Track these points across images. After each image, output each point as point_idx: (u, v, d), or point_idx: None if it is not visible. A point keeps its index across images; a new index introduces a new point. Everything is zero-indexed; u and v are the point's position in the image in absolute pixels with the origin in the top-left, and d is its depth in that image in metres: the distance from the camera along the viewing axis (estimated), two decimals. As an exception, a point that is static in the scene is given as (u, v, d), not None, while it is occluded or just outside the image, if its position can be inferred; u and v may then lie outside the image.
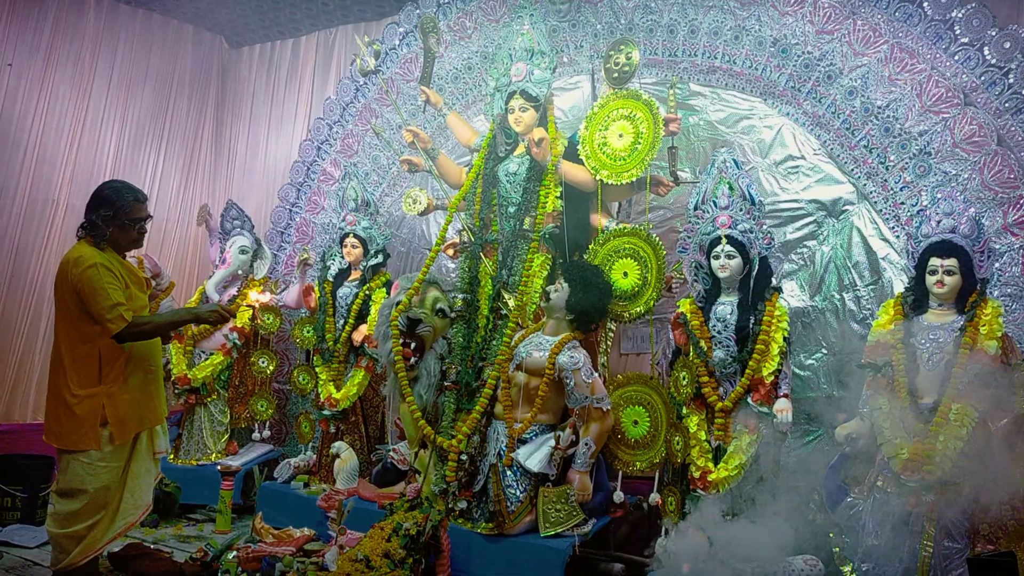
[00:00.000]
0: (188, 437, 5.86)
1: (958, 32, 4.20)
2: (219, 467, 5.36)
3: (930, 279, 3.65)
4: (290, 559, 4.24)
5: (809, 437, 4.39)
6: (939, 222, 3.69)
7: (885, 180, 4.39)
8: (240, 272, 6.10)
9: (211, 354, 5.91)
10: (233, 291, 6.07)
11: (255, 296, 5.84)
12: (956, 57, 4.21)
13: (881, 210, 4.41)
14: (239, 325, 5.90)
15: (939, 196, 3.83)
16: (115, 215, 3.63)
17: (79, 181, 6.99)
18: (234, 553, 4.32)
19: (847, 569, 3.56)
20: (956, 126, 4.16)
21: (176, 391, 5.77)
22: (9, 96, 6.65)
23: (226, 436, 5.89)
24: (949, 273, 3.60)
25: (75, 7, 7.05)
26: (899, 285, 4.23)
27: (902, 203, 4.32)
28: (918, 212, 4.15)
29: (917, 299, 3.72)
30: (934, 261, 3.63)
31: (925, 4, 4.29)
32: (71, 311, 3.55)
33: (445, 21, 5.76)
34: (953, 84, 4.20)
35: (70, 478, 3.57)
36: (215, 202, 7.43)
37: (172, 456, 5.77)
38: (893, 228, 4.37)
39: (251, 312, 5.94)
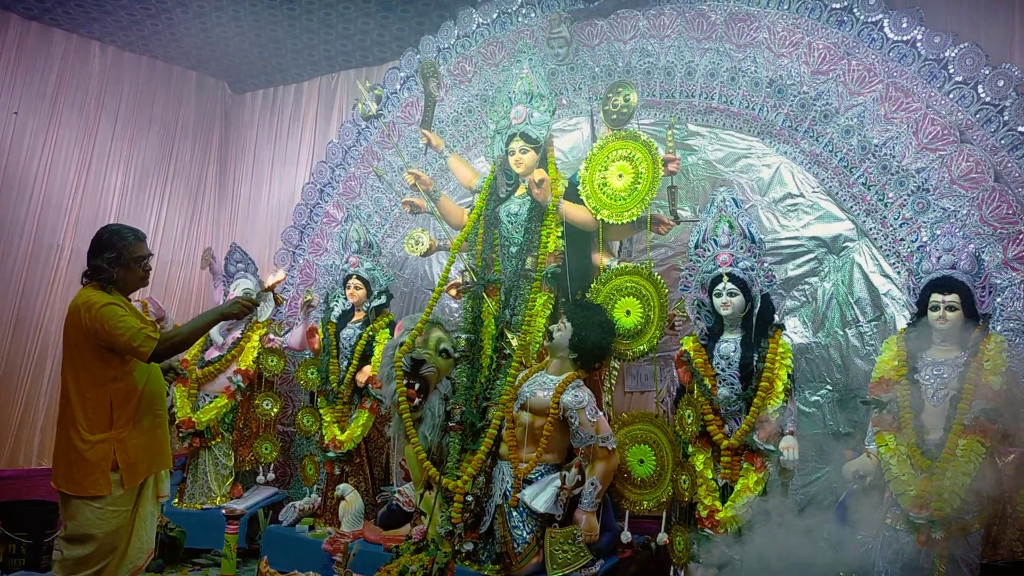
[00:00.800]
0: (192, 481, 5.84)
1: (952, 71, 4.28)
2: (224, 511, 5.30)
3: (932, 315, 3.67)
4: (296, 604, 4.21)
5: (816, 475, 4.38)
6: (939, 258, 3.72)
7: (884, 217, 4.44)
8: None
9: (215, 397, 5.91)
10: (237, 333, 6.08)
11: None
12: (951, 95, 4.27)
13: (881, 246, 4.45)
14: (243, 368, 5.90)
15: (938, 232, 3.87)
16: (118, 256, 3.63)
17: (84, 226, 7.06)
18: (239, 598, 4.29)
19: (858, 608, 3.53)
20: (953, 163, 4.21)
21: (180, 435, 5.75)
22: (15, 142, 6.74)
23: (230, 479, 5.87)
24: (951, 309, 3.62)
25: (80, 55, 7.17)
26: (901, 321, 4.25)
27: (902, 239, 4.36)
28: (918, 248, 4.19)
29: (920, 335, 3.74)
30: (935, 297, 3.66)
31: (918, 44, 4.37)
32: (83, 355, 3.55)
33: (445, 65, 5.85)
34: (949, 122, 4.26)
35: (79, 523, 3.54)
36: (219, 245, 7.48)
37: (177, 500, 5.75)
38: (894, 264, 4.40)
39: (255, 354, 5.94)
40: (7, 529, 4.90)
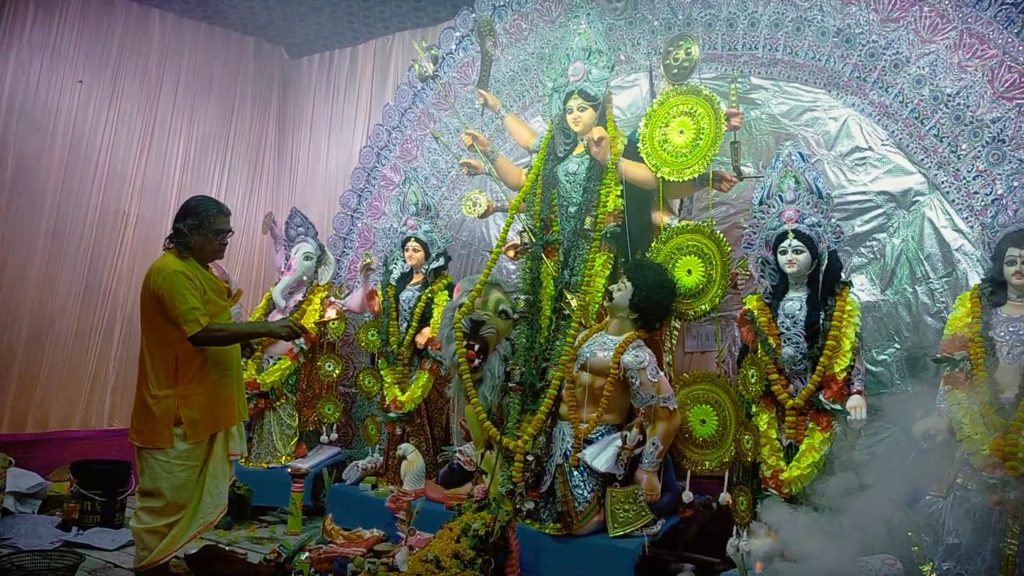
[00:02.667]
0: (258, 441, 5.97)
1: (1031, 15, 4.07)
2: (289, 470, 5.46)
3: (1008, 269, 3.54)
4: (361, 560, 4.29)
5: (883, 434, 4.28)
6: (1016, 211, 3.61)
7: (957, 169, 4.27)
8: (305, 278, 6.19)
9: (279, 359, 6.01)
10: (299, 296, 6.17)
11: (330, 313, 5.96)
12: (1029, 41, 4.07)
13: (954, 200, 4.28)
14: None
15: (1015, 184, 3.74)
16: (200, 224, 3.86)
17: (148, 192, 7.21)
18: (306, 554, 4.39)
19: (927, 568, 3.45)
20: (1031, 112, 4.02)
21: (246, 396, 5.87)
22: (80, 111, 6.87)
23: (295, 439, 6.00)
24: (1028, 263, 3.48)
25: (141, 23, 7.26)
26: (974, 277, 4.11)
27: (975, 192, 4.19)
28: (993, 201, 4.03)
29: (995, 290, 3.62)
30: (1012, 251, 3.53)
31: (995, -13, 4.17)
32: (152, 317, 3.76)
33: (501, 24, 5.77)
34: (1027, 69, 4.06)
35: (149, 476, 3.74)
36: (279, 210, 7.57)
37: (243, 459, 5.88)
38: (967, 218, 4.24)
39: (318, 315, 6.03)
40: (82, 487, 5.08)
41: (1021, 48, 4.07)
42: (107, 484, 5.15)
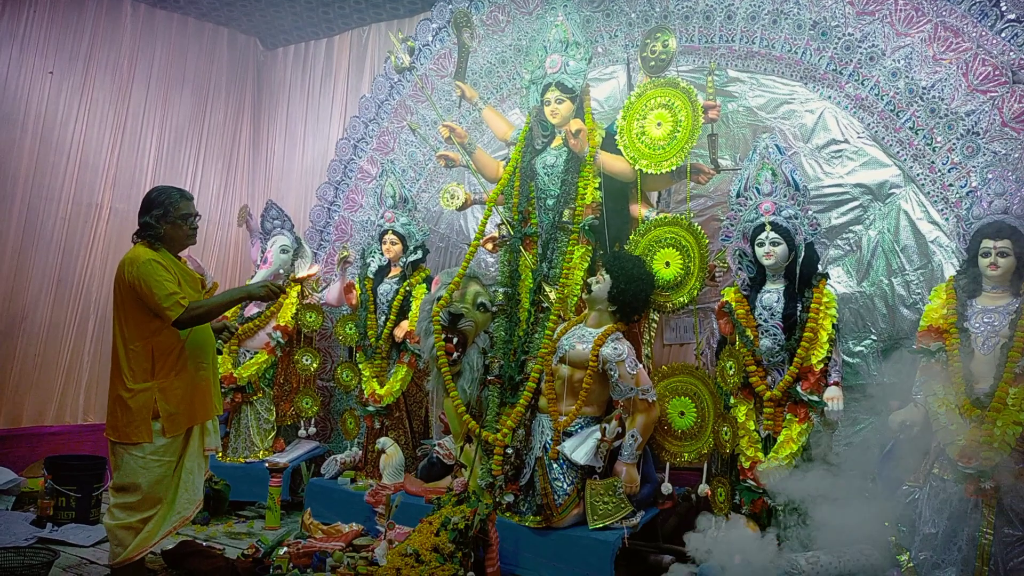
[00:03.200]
0: (236, 435, 5.93)
1: (1004, 8, 4.09)
2: (267, 464, 5.43)
3: (983, 261, 3.57)
4: (340, 554, 4.28)
5: (860, 425, 4.32)
6: (991, 203, 3.62)
7: (932, 162, 4.30)
8: (282, 271, 6.14)
9: (256, 353, 5.97)
10: (275, 290, 6.11)
11: (304, 271, 5.92)
12: (1003, 34, 4.10)
13: (929, 192, 4.32)
14: (282, 324, 5.95)
15: (989, 177, 3.75)
16: (165, 213, 3.79)
17: (121, 185, 7.12)
18: (285, 549, 4.37)
19: (904, 558, 3.49)
20: (1004, 105, 4.05)
21: (222, 390, 5.82)
22: (51, 103, 6.77)
23: (273, 433, 5.96)
24: (1003, 255, 3.52)
25: (112, 14, 7.15)
26: (949, 268, 4.15)
27: (951, 185, 4.23)
28: (968, 193, 4.07)
29: (970, 282, 3.65)
30: (987, 243, 3.56)
31: (969, -20, 4.20)
32: (127, 308, 3.70)
33: (478, 15, 5.74)
34: (1000, 62, 4.09)
35: (124, 472, 3.68)
36: (255, 202, 7.50)
37: (220, 454, 5.84)
38: (942, 210, 4.28)
39: (294, 310, 5.99)
40: (57, 483, 5.02)
41: (995, 41, 4.11)
42: (82, 480, 5.09)
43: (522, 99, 5.15)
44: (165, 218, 3.78)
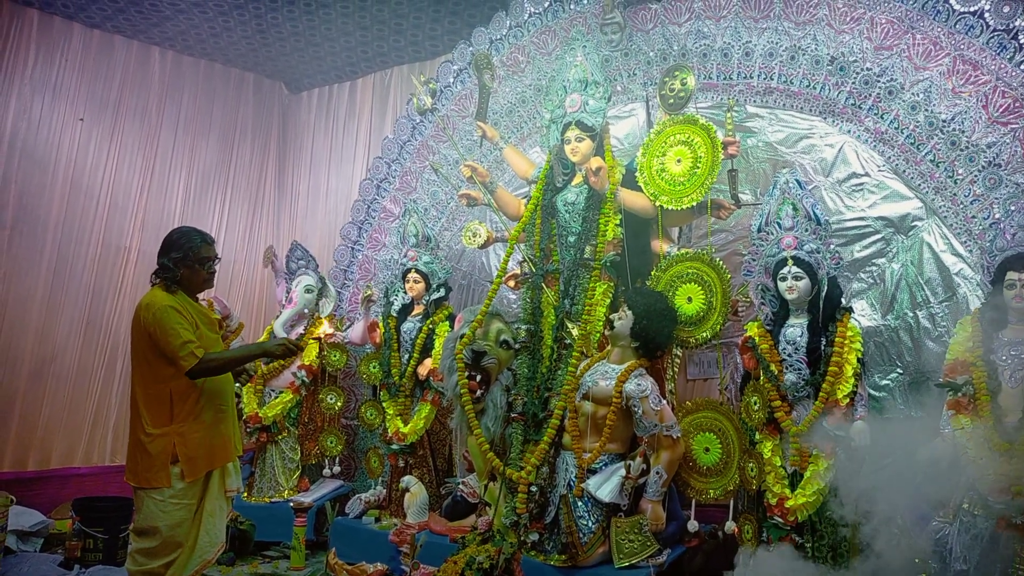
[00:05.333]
0: (260, 475, 5.95)
1: (1023, 41, 4.11)
2: (292, 504, 5.43)
3: (1008, 293, 3.55)
4: (365, 595, 4.26)
5: (888, 460, 4.26)
6: (1014, 235, 3.62)
7: (954, 194, 4.30)
8: (306, 311, 6.20)
9: (280, 392, 6.00)
10: (300, 329, 6.17)
11: (325, 330, 5.97)
12: (1022, 67, 4.11)
13: (952, 224, 4.31)
14: (307, 363, 5.99)
15: (1012, 208, 3.76)
16: (184, 257, 3.76)
17: (150, 228, 7.24)
18: (310, 590, 4.36)
19: (936, 596, 3.44)
20: (1025, 136, 4.05)
21: (248, 430, 5.86)
22: (82, 148, 6.93)
23: (297, 473, 5.97)
24: (1028, 286, 3.50)
25: (141, 61, 7.33)
26: (974, 300, 4.12)
27: (973, 217, 4.22)
28: (991, 225, 4.05)
29: (996, 314, 3.62)
30: (1012, 275, 3.54)
31: (986, 14, 4.21)
32: (145, 354, 3.67)
33: (498, 57, 5.83)
34: (1020, 94, 4.10)
35: (145, 516, 3.65)
36: (280, 243, 7.60)
37: (245, 494, 5.85)
38: (965, 242, 4.26)
39: (318, 348, 6.04)
40: (84, 525, 5.04)
41: (1014, 74, 4.12)
42: (109, 521, 5.11)
43: (542, 138, 5.20)
44: (184, 261, 3.75)
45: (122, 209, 7.15)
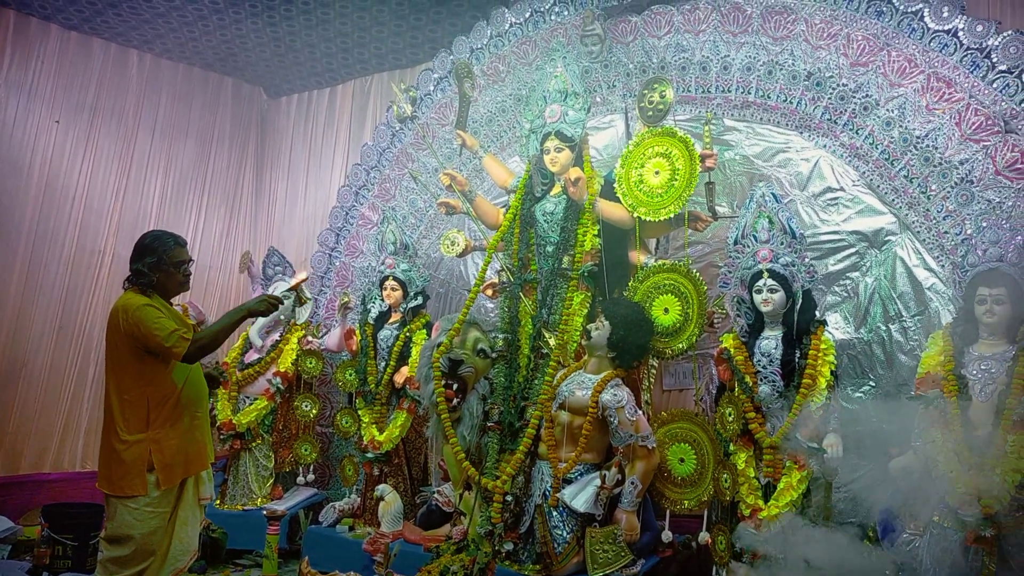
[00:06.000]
0: (234, 482, 5.90)
1: (995, 60, 4.18)
2: (265, 512, 5.37)
3: (979, 309, 3.59)
4: (338, 604, 4.24)
5: (860, 472, 4.30)
6: (985, 251, 3.65)
7: (927, 210, 4.36)
8: (282, 317, 6.16)
9: (255, 399, 5.97)
10: (276, 336, 6.14)
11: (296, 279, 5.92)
12: (994, 84, 4.18)
13: (924, 240, 4.37)
14: (282, 370, 5.96)
15: (984, 224, 3.80)
16: (159, 261, 3.70)
17: (125, 231, 7.18)
18: (282, 599, 4.33)
19: (906, 607, 3.46)
20: (997, 153, 4.11)
21: (221, 436, 5.82)
22: (57, 151, 6.87)
23: (271, 480, 5.93)
24: (999, 302, 3.55)
25: (119, 64, 7.28)
26: (946, 315, 4.18)
27: (946, 232, 4.28)
28: (963, 241, 4.11)
29: (967, 329, 3.67)
30: (983, 291, 3.59)
31: (960, 33, 4.28)
32: (122, 357, 3.61)
33: (479, 66, 5.85)
34: (992, 111, 4.17)
35: (118, 524, 3.59)
36: (256, 249, 7.56)
37: (218, 502, 5.80)
38: (937, 257, 4.32)
39: (294, 356, 6.01)
40: (53, 532, 4.97)
41: (987, 92, 4.19)
42: (80, 528, 5.04)
43: (522, 147, 5.21)
44: (158, 266, 3.69)
45: (97, 212, 7.09)
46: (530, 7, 5.73)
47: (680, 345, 4.33)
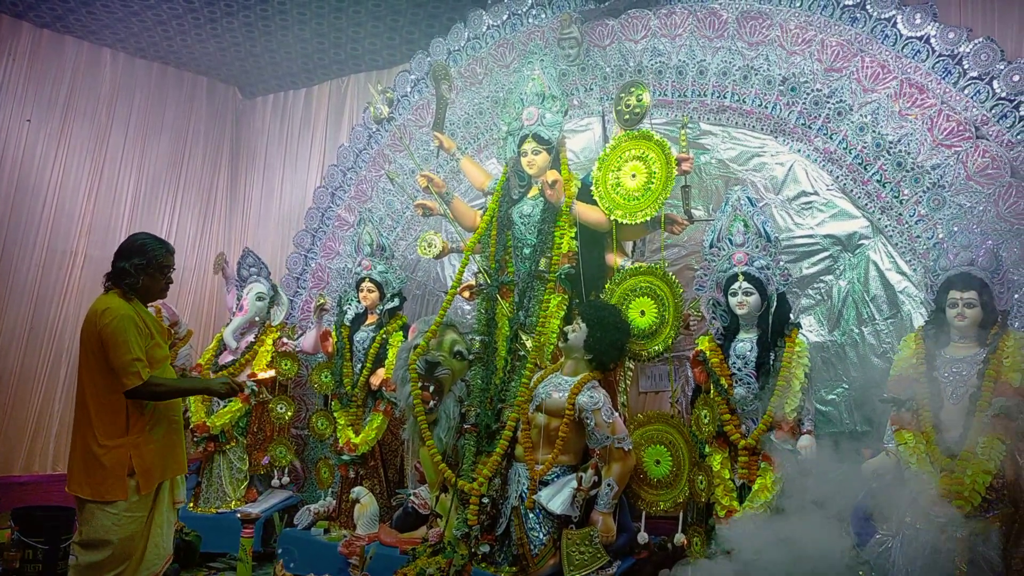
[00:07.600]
0: (208, 485, 5.85)
1: (967, 66, 4.25)
2: (239, 514, 5.32)
3: (950, 312, 3.65)
4: (313, 607, 4.22)
5: (833, 474, 4.34)
6: (957, 255, 3.70)
7: (900, 214, 4.41)
8: (257, 319, 6.13)
9: (229, 401, 5.91)
10: (250, 338, 6.10)
11: (263, 375, 5.90)
12: (966, 91, 4.24)
13: (897, 244, 4.42)
14: (257, 372, 5.92)
15: (955, 229, 3.86)
16: (147, 264, 3.66)
17: (97, 232, 7.11)
18: (256, 602, 4.30)
19: (878, 607, 3.50)
20: (969, 159, 4.17)
21: (195, 439, 5.76)
22: (28, 150, 6.78)
23: (245, 483, 5.88)
24: (969, 306, 3.60)
25: (92, 62, 7.20)
26: (918, 318, 4.23)
27: (918, 236, 4.33)
28: (935, 245, 4.16)
29: (938, 332, 3.72)
30: (954, 294, 3.64)
31: (932, 40, 4.34)
32: (99, 360, 3.53)
33: (456, 68, 5.84)
34: (964, 117, 4.23)
35: (94, 528, 3.53)
36: (231, 250, 7.49)
37: (192, 504, 5.75)
38: (910, 261, 4.37)
39: (269, 358, 5.97)
40: (24, 535, 4.91)
41: (958, 98, 4.25)
42: (50, 531, 4.95)
43: (499, 150, 5.22)
44: (145, 268, 3.64)
45: (68, 212, 7.00)
46: (508, 10, 5.74)
47: (656, 347, 4.35)
